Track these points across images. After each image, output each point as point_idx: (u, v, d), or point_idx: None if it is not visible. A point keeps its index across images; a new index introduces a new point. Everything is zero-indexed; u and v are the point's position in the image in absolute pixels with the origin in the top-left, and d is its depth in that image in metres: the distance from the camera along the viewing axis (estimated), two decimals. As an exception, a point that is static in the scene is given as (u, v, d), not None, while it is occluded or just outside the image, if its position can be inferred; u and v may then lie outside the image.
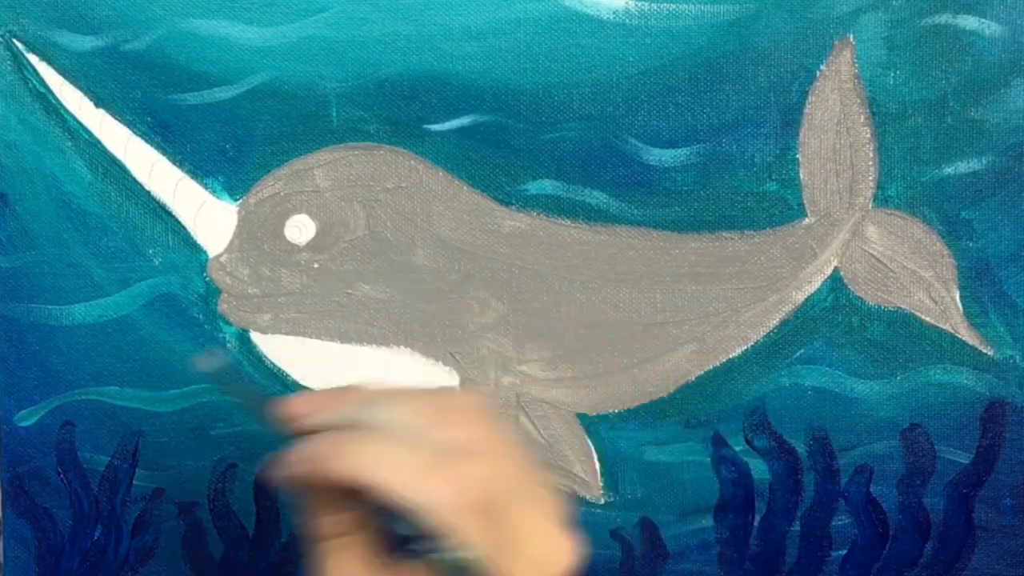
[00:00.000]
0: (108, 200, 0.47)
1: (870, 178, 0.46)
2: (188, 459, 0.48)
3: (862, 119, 0.46)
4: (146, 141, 0.47)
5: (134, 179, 0.47)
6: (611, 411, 0.47)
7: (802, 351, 0.47)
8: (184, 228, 0.47)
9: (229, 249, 0.47)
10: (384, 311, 0.47)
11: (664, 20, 0.46)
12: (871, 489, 0.47)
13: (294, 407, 0.34)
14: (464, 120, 0.47)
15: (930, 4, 0.46)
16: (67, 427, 0.48)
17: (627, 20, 0.46)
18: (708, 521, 0.47)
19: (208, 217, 0.47)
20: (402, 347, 0.47)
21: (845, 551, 0.47)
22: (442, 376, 0.47)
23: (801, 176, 0.47)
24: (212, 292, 0.47)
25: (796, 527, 0.47)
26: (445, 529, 0.30)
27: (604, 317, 0.47)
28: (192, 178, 0.47)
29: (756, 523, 0.47)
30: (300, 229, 0.47)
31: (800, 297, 0.47)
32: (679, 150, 0.46)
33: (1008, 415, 0.47)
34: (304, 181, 0.47)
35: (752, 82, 0.46)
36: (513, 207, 0.47)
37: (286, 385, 0.47)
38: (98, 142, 0.47)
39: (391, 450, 0.31)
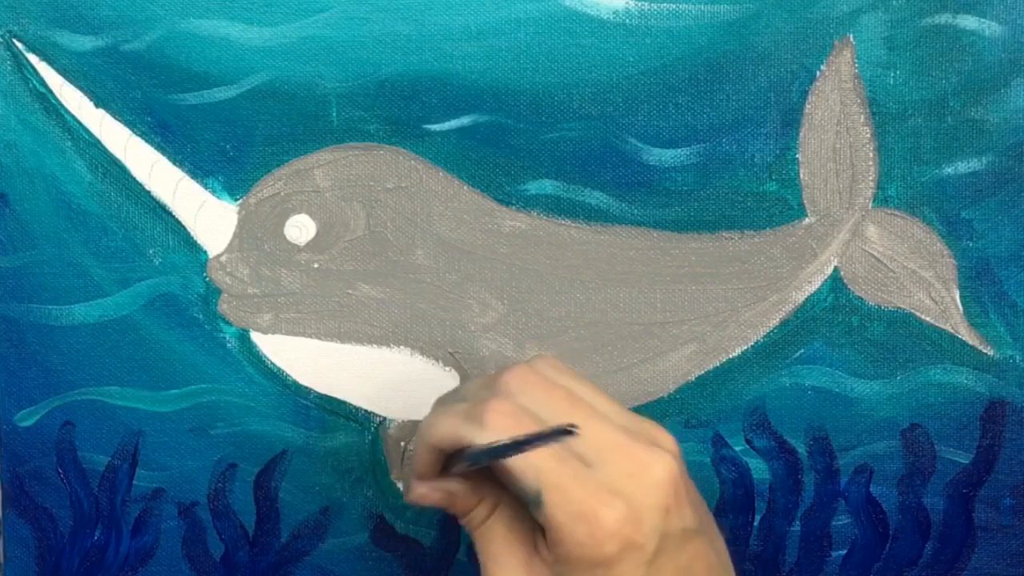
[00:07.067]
0: (108, 200, 0.47)
1: (870, 178, 0.46)
2: (188, 459, 0.48)
3: (862, 119, 0.46)
4: (146, 141, 0.47)
5: (134, 179, 0.47)
6: (611, 411, 0.47)
7: (802, 351, 0.47)
8: (184, 228, 0.47)
9: (229, 249, 0.47)
10: (384, 311, 0.47)
11: (664, 20, 0.46)
12: (871, 489, 0.47)
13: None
14: (464, 120, 0.47)
15: (930, 4, 0.46)
16: (67, 427, 0.48)
17: (627, 20, 0.46)
18: (708, 521, 0.47)
19: (208, 217, 0.47)
20: (402, 347, 0.47)
21: (845, 551, 0.47)
22: (442, 376, 0.47)
23: (801, 176, 0.47)
24: (212, 292, 0.47)
25: (796, 527, 0.47)
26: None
27: (604, 317, 0.47)
28: (192, 178, 0.47)
29: (756, 523, 0.47)
30: (300, 229, 0.47)
31: (800, 297, 0.47)
32: (679, 150, 0.46)
33: (1008, 415, 0.47)
34: (304, 181, 0.47)
35: (752, 82, 0.46)
36: (513, 207, 0.47)
37: (286, 385, 0.47)
38: (98, 142, 0.47)
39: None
